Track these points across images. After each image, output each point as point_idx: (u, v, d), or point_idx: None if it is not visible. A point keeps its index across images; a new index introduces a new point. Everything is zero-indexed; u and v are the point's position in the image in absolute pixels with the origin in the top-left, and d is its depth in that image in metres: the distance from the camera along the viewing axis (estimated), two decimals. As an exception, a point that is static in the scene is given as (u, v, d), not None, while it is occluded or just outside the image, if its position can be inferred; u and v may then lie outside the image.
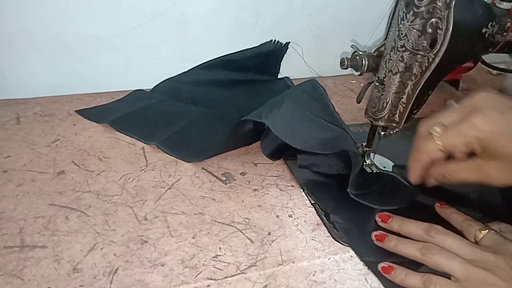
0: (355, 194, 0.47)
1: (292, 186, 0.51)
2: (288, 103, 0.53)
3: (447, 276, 0.38)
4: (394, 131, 0.48)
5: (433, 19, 0.40)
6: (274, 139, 0.52)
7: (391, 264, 0.40)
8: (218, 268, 0.40)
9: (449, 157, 0.41)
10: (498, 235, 0.41)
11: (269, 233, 0.44)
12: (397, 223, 0.44)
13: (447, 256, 0.39)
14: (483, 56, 0.66)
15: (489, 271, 0.36)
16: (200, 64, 0.71)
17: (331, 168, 0.51)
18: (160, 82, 0.71)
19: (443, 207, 0.47)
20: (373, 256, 0.42)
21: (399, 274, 0.39)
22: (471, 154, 0.40)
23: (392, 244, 0.42)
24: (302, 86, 0.59)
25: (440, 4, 0.39)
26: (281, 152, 0.53)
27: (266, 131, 0.53)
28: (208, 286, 0.38)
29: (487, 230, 0.41)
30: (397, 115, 0.46)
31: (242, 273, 0.39)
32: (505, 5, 0.46)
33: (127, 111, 0.62)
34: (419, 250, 0.40)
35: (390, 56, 0.43)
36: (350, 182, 0.47)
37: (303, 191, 0.50)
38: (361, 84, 0.78)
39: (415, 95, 0.45)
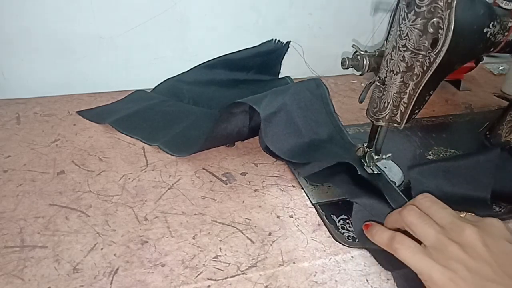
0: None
1: (293, 186, 0.51)
2: (288, 104, 0.54)
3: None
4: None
5: (434, 19, 0.39)
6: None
7: (372, 222, 0.41)
8: (218, 269, 0.40)
9: None
10: (478, 216, 0.39)
11: (269, 234, 0.44)
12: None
13: (424, 221, 0.37)
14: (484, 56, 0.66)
15: (459, 246, 0.34)
16: (201, 64, 0.71)
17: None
18: (161, 82, 0.71)
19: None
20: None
21: (372, 229, 0.40)
22: None
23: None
24: (306, 83, 0.59)
25: (441, 3, 0.39)
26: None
27: (263, 126, 0.53)
28: (209, 286, 0.38)
29: (466, 213, 0.39)
30: (398, 115, 0.46)
31: (242, 273, 0.39)
32: (509, 5, 0.46)
33: (128, 112, 0.62)
34: (400, 211, 0.39)
35: (391, 56, 0.43)
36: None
37: (303, 189, 0.50)
38: (362, 84, 0.78)
39: (417, 95, 0.45)
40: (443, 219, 0.37)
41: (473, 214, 0.39)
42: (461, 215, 0.38)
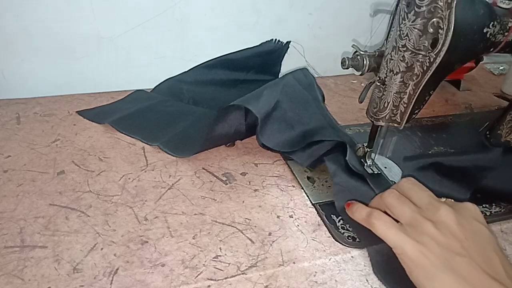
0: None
1: (293, 186, 0.51)
2: (281, 101, 0.55)
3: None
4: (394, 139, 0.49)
5: (434, 19, 0.39)
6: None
7: (354, 201, 0.44)
8: (218, 269, 0.40)
9: None
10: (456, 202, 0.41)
11: (269, 234, 0.44)
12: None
13: (402, 202, 0.40)
14: (484, 56, 0.66)
15: (433, 224, 0.37)
16: (201, 64, 0.71)
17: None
18: (161, 82, 0.70)
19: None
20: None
21: (352, 207, 0.43)
22: None
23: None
24: (294, 74, 0.61)
25: (441, 4, 0.39)
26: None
27: (259, 127, 0.53)
28: (209, 286, 0.38)
29: (446, 199, 0.41)
30: (398, 115, 0.46)
31: (242, 273, 0.39)
32: (509, 4, 0.46)
33: (128, 112, 0.62)
34: (382, 194, 0.41)
35: (391, 56, 0.43)
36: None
37: (298, 188, 0.50)
38: (362, 84, 0.78)
39: (417, 95, 0.45)
40: (421, 200, 0.40)
41: (452, 200, 0.41)
42: (443, 199, 0.40)
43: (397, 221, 0.39)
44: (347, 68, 0.47)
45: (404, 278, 0.36)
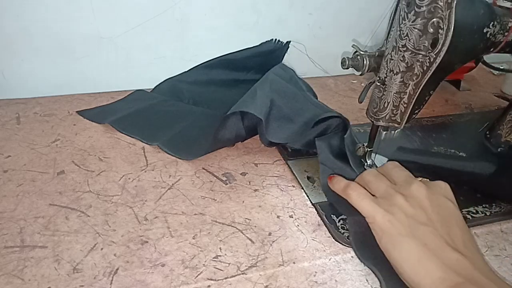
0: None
1: (293, 186, 0.51)
2: (274, 99, 0.56)
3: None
4: (396, 131, 0.49)
5: (434, 19, 0.39)
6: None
7: (335, 175, 0.47)
8: (218, 269, 0.40)
9: None
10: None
11: (269, 234, 0.44)
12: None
13: (379, 178, 0.44)
14: (484, 56, 0.66)
15: (404, 197, 0.40)
16: (201, 64, 0.71)
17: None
18: (161, 82, 0.70)
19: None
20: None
21: (333, 180, 0.47)
22: None
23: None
24: (274, 71, 0.63)
25: (441, 3, 0.39)
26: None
27: (264, 127, 0.53)
28: (209, 286, 0.38)
29: (422, 178, 0.44)
30: (398, 115, 0.46)
31: (242, 273, 0.39)
32: (509, 4, 0.46)
33: (128, 112, 0.62)
34: (362, 173, 0.45)
35: (391, 56, 0.43)
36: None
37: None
38: (362, 84, 0.78)
39: (417, 95, 0.45)
40: (398, 178, 0.43)
41: (428, 179, 0.44)
42: (418, 179, 0.43)
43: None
44: (347, 68, 0.47)
45: (376, 249, 0.39)
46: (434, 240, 0.37)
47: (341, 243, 0.44)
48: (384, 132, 0.50)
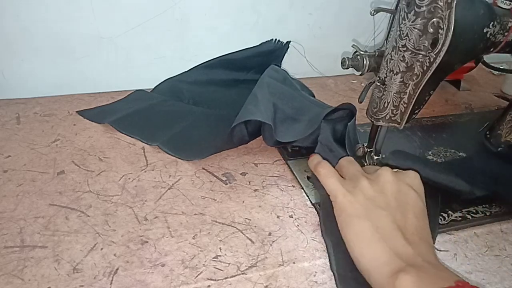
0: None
1: (293, 186, 0.51)
2: (276, 103, 0.56)
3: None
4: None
5: (434, 19, 0.39)
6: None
7: (314, 154, 0.49)
8: (218, 269, 0.40)
9: None
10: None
11: (269, 234, 0.44)
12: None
13: (353, 163, 0.46)
14: (484, 56, 0.66)
15: (369, 180, 0.42)
16: (201, 64, 0.71)
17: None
18: (161, 82, 0.70)
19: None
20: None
21: (311, 157, 0.49)
22: None
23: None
24: (267, 73, 0.63)
25: (441, 3, 0.39)
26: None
27: (273, 126, 0.53)
28: (209, 286, 0.38)
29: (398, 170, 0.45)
30: (398, 115, 0.46)
31: (242, 273, 0.39)
32: (510, 5, 0.46)
33: (128, 112, 0.62)
34: (340, 159, 0.48)
35: (391, 56, 0.43)
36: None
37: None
38: (362, 84, 0.78)
39: (416, 95, 0.45)
40: (372, 167, 0.45)
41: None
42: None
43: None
44: (347, 68, 0.47)
45: (336, 227, 0.41)
46: (387, 224, 0.38)
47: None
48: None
